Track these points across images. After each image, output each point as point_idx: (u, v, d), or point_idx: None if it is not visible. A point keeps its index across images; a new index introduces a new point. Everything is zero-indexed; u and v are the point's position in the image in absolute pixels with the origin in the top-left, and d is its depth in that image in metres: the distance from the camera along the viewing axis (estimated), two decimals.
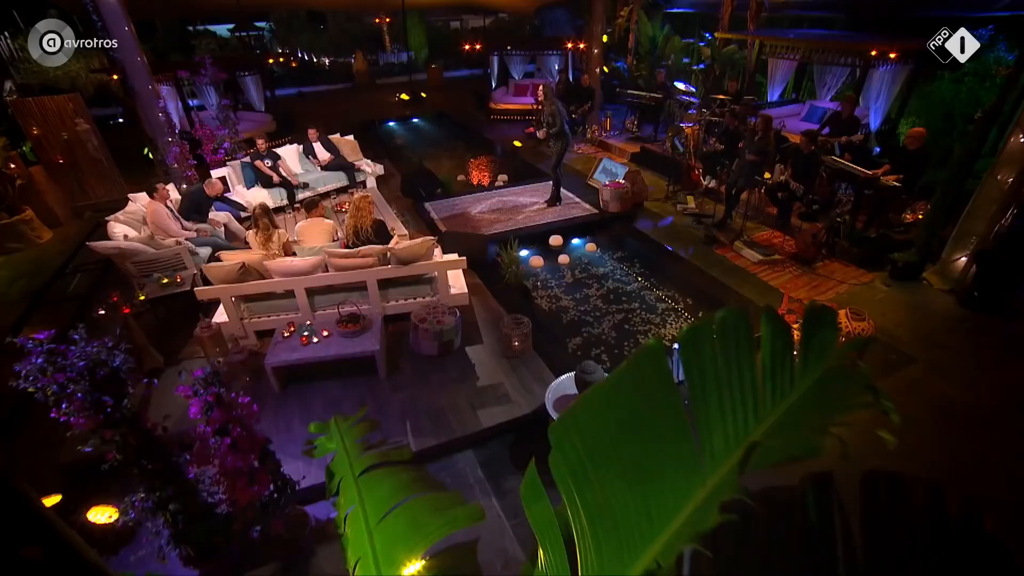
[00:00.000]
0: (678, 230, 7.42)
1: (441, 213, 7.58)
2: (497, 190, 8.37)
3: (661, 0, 15.04)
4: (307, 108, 16.97)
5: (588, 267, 6.62)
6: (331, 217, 6.66)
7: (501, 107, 14.02)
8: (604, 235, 7.36)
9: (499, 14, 27.33)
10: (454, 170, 9.41)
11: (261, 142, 7.65)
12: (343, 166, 8.28)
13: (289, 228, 6.45)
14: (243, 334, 4.89)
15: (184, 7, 17.17)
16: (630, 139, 11.27)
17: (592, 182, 8.63)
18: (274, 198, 7.66)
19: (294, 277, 4.66)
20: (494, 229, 6.98)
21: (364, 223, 4.97)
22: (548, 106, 6.93)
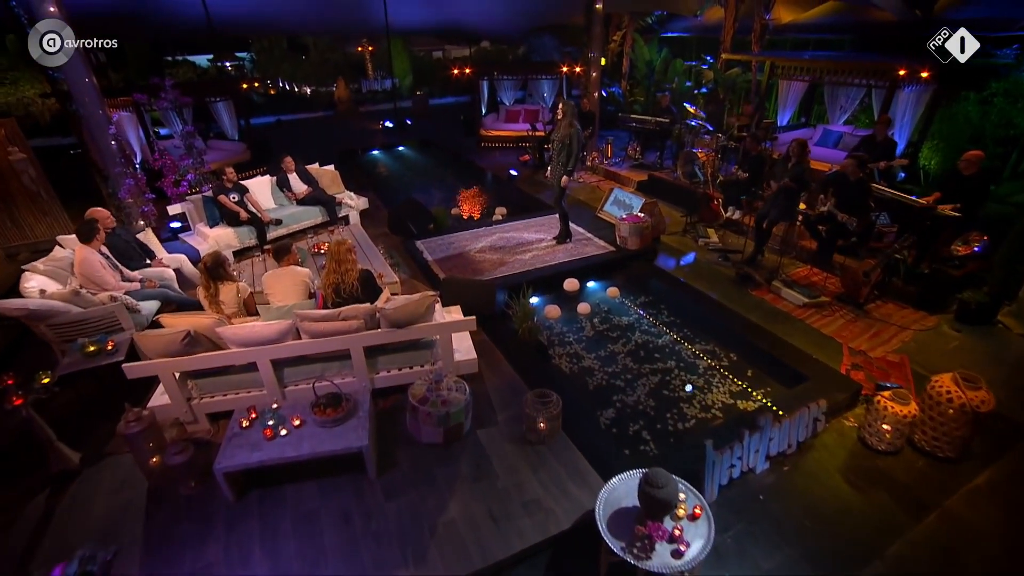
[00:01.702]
0: (704, 268, 6.57)
1: (435, 253, 6.62)
2: (497, 225, 7.46)
3: (655, 25, 14.61)
4: (285, 137, 16.07)
5: (610, 316, 5.69)
6: (307, 263, 5.65)
7: (492, 134, 13.29)
8: (624, 276, 6.46)
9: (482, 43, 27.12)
10: (446, 203, 8.50)
11: (230, 172, 6.65)
12: (322, 200, 7.31)
13: (259, 273, 5.44)
14: (190, 418, 3.82)
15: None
16: (634, 166, 10.54)
17: (603, 215, 7.78)
18: (241, 238, 6.63)
19: (256, 347, 3.63)
20: (499, 272, 6.03)
21: (348, 278, 3.98)
22: (565, 127, 6.06)
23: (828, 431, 4.02)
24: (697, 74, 11.99)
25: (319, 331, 3.66)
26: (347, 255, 4.00)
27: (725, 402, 4.51)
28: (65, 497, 3.30)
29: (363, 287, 4.04)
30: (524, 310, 4.91)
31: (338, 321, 3.68)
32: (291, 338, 3.72)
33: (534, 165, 11.30)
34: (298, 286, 4.17)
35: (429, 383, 3.75)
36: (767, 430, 3.63)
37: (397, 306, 3.71)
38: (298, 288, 4.17)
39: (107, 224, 5.29)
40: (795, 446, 3.84)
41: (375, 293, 4.15)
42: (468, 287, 5.05)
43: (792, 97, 9.93)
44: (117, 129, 10.29)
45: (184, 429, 3.87)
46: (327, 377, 3.95)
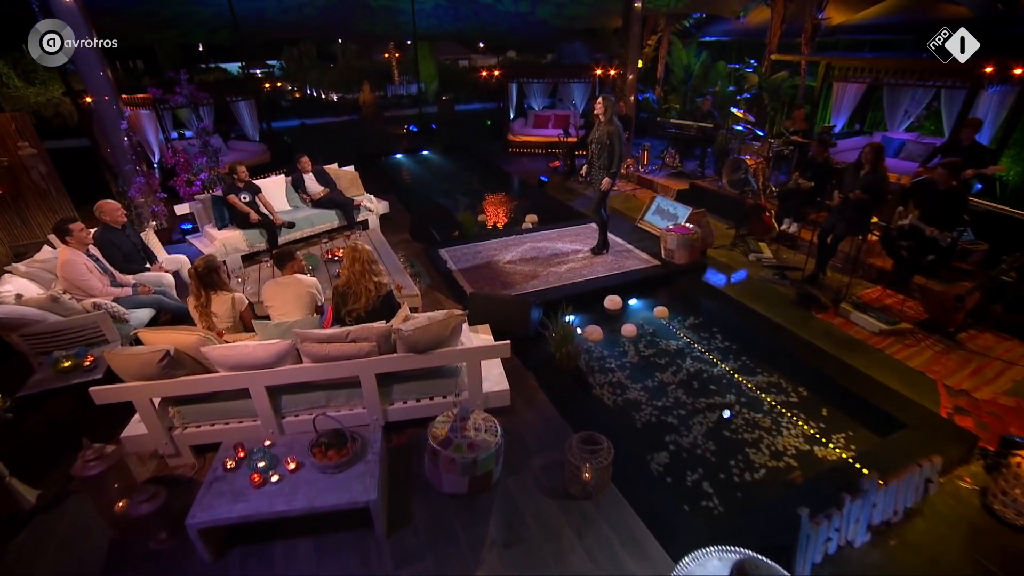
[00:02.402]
0: (758, 287, 5.83)
1: (460, 262, 6.01)
2: (528, 234, 6.83)
3: (693, 28, 13.94)
4: (308, 139, 15.76)
5: (656, 339, 4.99)
6: (318, 271, 5.09)
7: (521, 139, 12.74)
8: (670, 294, 5.76)
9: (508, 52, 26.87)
10: (472, 209, 7.92)
11: (242, 170, 6.16)
12: (339, 202, 6.78)
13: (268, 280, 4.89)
14: (172, 450, 3.24)
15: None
16: (672, 174, 9.84)
17: (644, 225, 7.09)
18: (251, 241, 6.13)
19: (248, 371, 3.04)
20: (531, 285, 5.39)
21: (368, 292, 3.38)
22: (605, 125, 5.41)
23: (939, 493, 3.26)
24: (740, 78, 11.25)
25: (323, 354, 3.06)
26: (366, 261, 3.40)
27: (799, 448, 3.78)
28: (8, 550, 2.73)
29: (384, 304, 3.44)
30: (563, 332, 4.25)
31: (346, 343, 3.08)
32: (290, 361, 3.13)
33: (565, 171, 10.69)
34: (302, 298, 3.59)
35: (453, 420, 3.11)
36: (871, 495, 2.90)
37: (418, 327, 3.09)
38: (302, 301, 3.59)
39: (117, 219, 4.83)
40: (901, 513, 3.09)
41: (392, 310, 3.55)
42: (499, 304, 4.41)
43: (847, 102, 9.14)
44: (132, 125, 10.05)
45: (164, 463, 3.29)
46: (332, 407, 3.35)
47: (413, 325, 3.10)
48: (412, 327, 3.09)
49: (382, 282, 3.47)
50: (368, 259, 3.39)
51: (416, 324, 3.11)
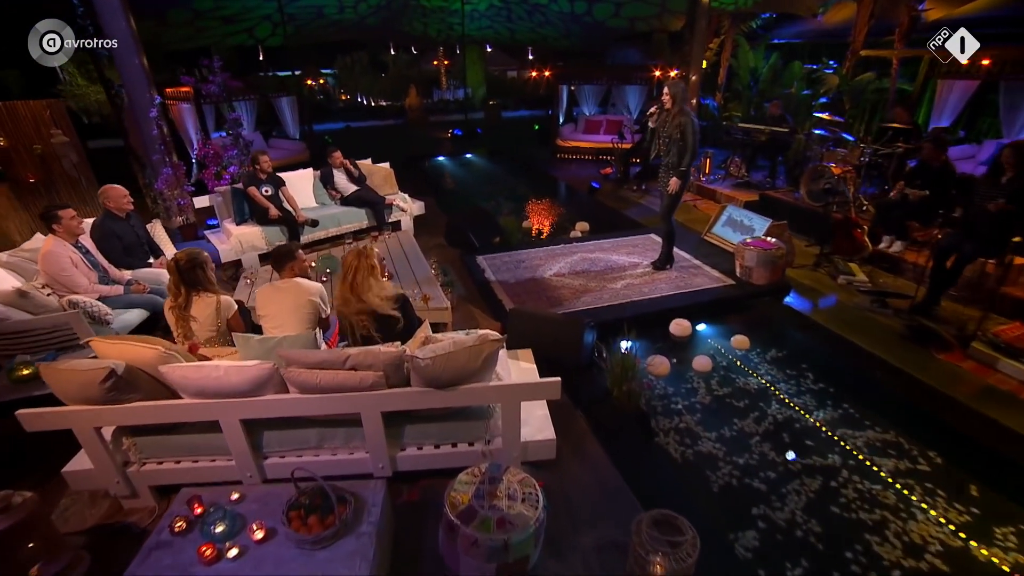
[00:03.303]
0: (854, 316, 4.81)
1: (500, 272, 5.24)
2: (578, 243, 5.99)
3: (761, 30, 12.88)
4: (352, 140, 15.48)
5: (733, 375, 4.06)
6: (336, 274, 4.42)
7: (570, 144, 11.96)
8: (747, 319, 4.82)
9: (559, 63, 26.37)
10: (516, 214, 7.17)
11: (264, 160, 5.61)
12: (370, 201, 6.15)
13: None
14: (126, 491, 2.57)
15: None
16: (737, 185, 8.83)
17: (712, 238, 6.15)
18: (270, 238, 5.55)
19: (217, 400, 2.34)
20: (582, 303, 4.55)
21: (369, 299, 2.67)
22: (676, 115, 4.56)
23: None
24: (816, 80, 10.14)
25: (314, 384, 2.33)
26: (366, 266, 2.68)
27: (946, 543, 2.78)
28: None
29: (387, 322, 2.70)
30: (623, 362, 3.39)
31: (343, 371, 2.33)
32: (272, 389, 2.41)
33: (617, 178, 9.84)
34: (301, 309, 2.88)
35: (479, 481, 2.31)
36: None
37: (439, 354, 2.32)
38: (301, 312, 2.88)
39: (122, 206, 4.33)
40: None
41: (409, 326, 2.79)
42: (545, 324, 3.59)
43: (951, 104, 7.91)
44: (175, 120, 9.83)
45: (118, 505, 2.63)
46: (327, 449, 2.61)
47: (433, 351, 2.33)
48: (431, 354, 2.32)
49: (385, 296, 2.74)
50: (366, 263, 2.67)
51: (437, 350, 2.34)
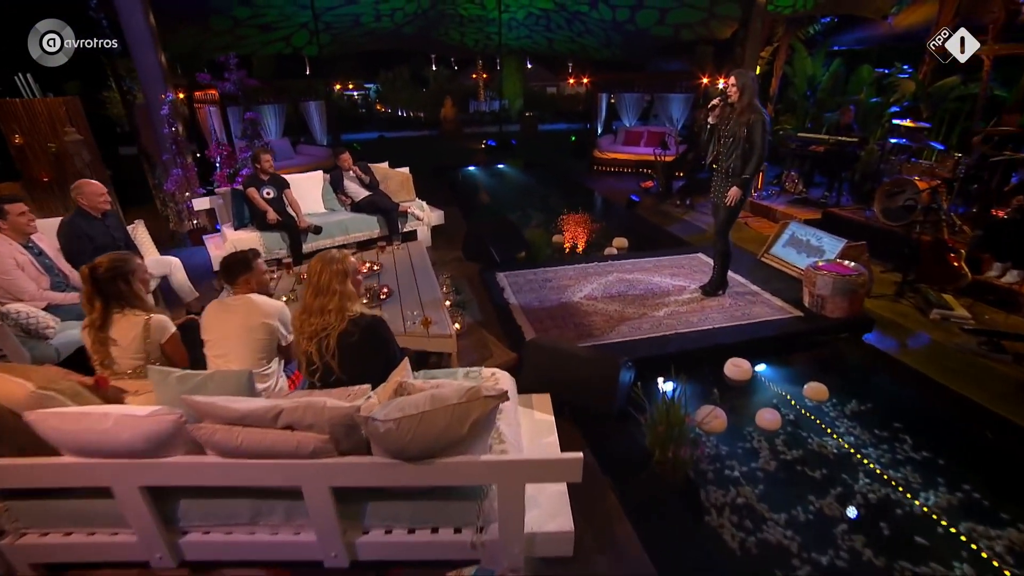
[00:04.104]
0: (958, 360, 3.88)
1: (523, 293, 4.52)
2: (615, 261, 5.22)
3: (820, 36, 11.89)
4: (384, 150, 15.18)
5: (805, 432, 3.19)
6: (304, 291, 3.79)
7: (608, 156, 11.25)
8: (819, 360, 3.95)
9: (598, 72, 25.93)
10: (546, 227, 6.46)
11: (266, 159, 5.10)
12: (382, 207, 5.56)
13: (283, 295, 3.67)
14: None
15: None
16: (794, 201, 7.92)
17: (771, 260, 5.28)
18: (269, 245, 5.01)
19: (106, 460, 1.70)
20: (617, 333, 3.77)
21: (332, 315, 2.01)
22: (744, 111, 3.77)
23: None
24: (887, 87, 9.13)
25: (233, 446, 1.66)
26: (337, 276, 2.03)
27: None
28: None
29: (365, 348, 2.03)
30: (669, 416, 2.62)
31: (275, 430, 1.66)
32: (184, 448, 1.76)
33: (658, 192, 9.06)
34: (251, 333, 2.23)
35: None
36: None
37: (407, 414, 1.61)
38: (251, 337, 2.22)
39: (96, 204, 3.86)
40: None
41: (384, 361, 2.11)
42: (569, 361, 2.84)
43: None
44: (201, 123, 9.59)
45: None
46: (264, 527, 1.93)
47: (401, 409, 1.63)
48: (397, 413, 1.61)
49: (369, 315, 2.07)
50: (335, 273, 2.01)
51: (406, 408, 1.64)
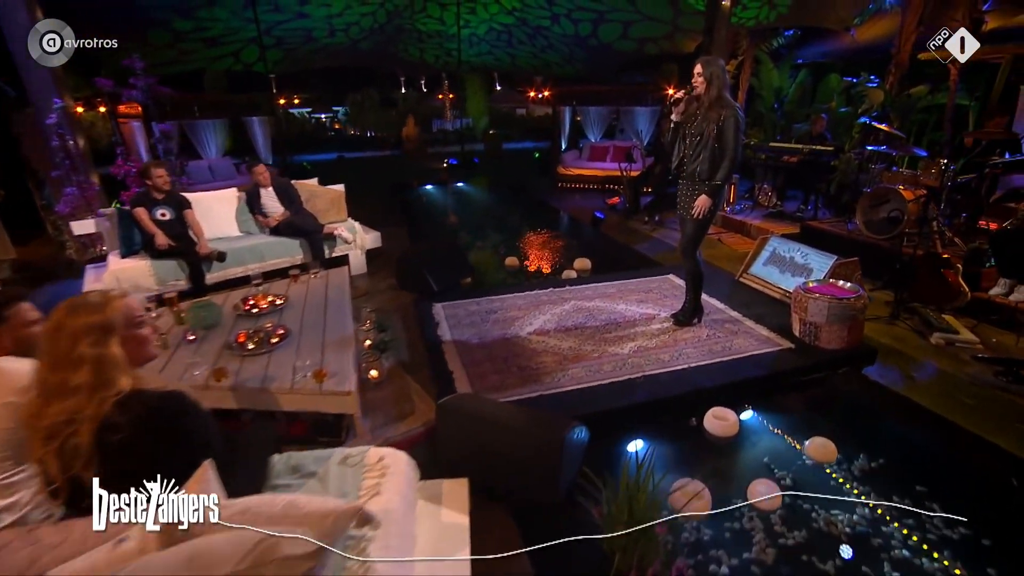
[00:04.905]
0: (971, 394, 3.29)
1: (460, 328, 3.77)
2: (572, 287, 4.52)
3: (784, 49, 11.69)
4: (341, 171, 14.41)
5: (807, 506, 2.47)
6: (207, 340, 2.99)
7: (572, 172, 10.74)
8: (812, 400, 3.29)
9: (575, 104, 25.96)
10: (500, 249, 5.77)
11: (159, 175, 4.27)
12: (303, 229, 4.78)
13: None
14: None
15: None
16: (769, 215, 7.45)
17: (751, 280, 4.66)
18: (162, 276, 4.17)
19: None
20: (569, 379, 3.05)
21: (77, 414, 1.23)
22: (712, 106, 3.16)
23: None
24: (858, 96, 8.84)
25: None
26: (81, 343, 1.27)
27: None
28: None
29: (123, 461, 1.25)
30: (632, 500, 1.88)
31: None
32: None
33: (625, 208, 8.50)
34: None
35: None
36: None
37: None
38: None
39: None
40: None
41: (177, 480, 1.33)
42: (498, 430, 2.09)
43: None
44: (125, 142, 8.68)
45: None
46: None
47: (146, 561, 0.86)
48: None
49: (113, 396, 1.31)
50: (85, 330, 1.26)
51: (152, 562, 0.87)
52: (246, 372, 2.69)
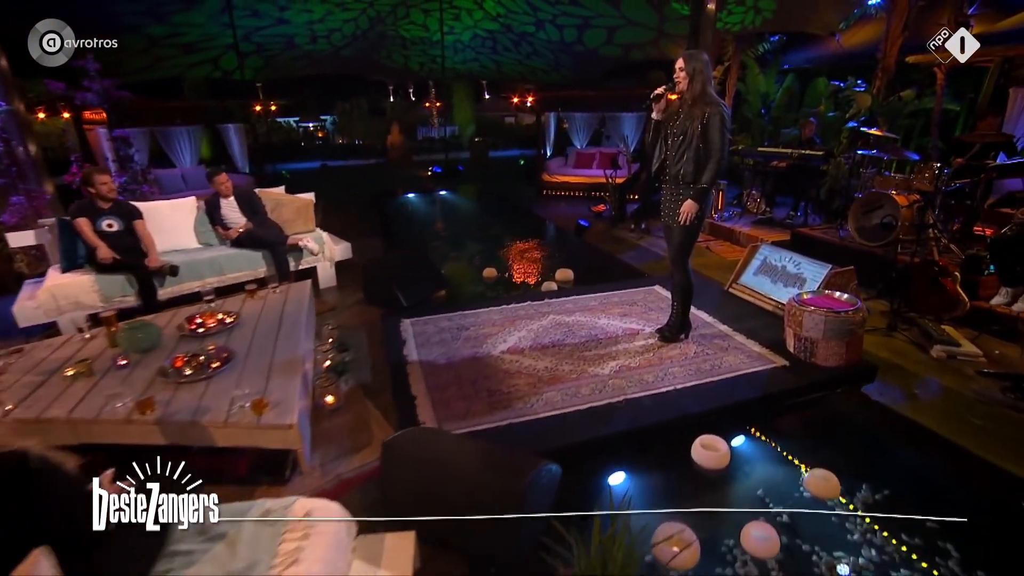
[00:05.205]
0: (979, 414, 3.06)
1: (428, 347, 3.48)
2: (552, 300, 4.25)
3: (770, 56, 11.59)
4: (320, 179, 14.12)
5: (806, 548, 2.21)
6: (140, 365, 2.68)
7: (558, 180, 10.50)
8: (808, 422, 3.04)
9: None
10: (478, 260, 5.50)
11: (102, 181, 3.95)
12: (266, 241, 4.48)
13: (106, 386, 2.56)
14: None
15: None
16: (758, 222, 7.25)
17: (741, 290, 4.41)
18: (107, 293, 3.85)
19: None
20: (542, 404, 2.77)
21: None
22: (696, 103, 2.93)
23: None
24: (845, 100, 8.70)
25: None
26: None
27: None
28: None
29: None
30: (612, 550, 1.60)
31: None
32: None
33: (611, 216, 8.29)
34: None
35: None
36: None
37: None
38: None
39: None
40: None
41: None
42: (449, 475, 1.81)
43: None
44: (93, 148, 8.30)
45: None
46: None
47: None
48: None
49: None
50: None
51: None
52: (178, 403, 2.39)
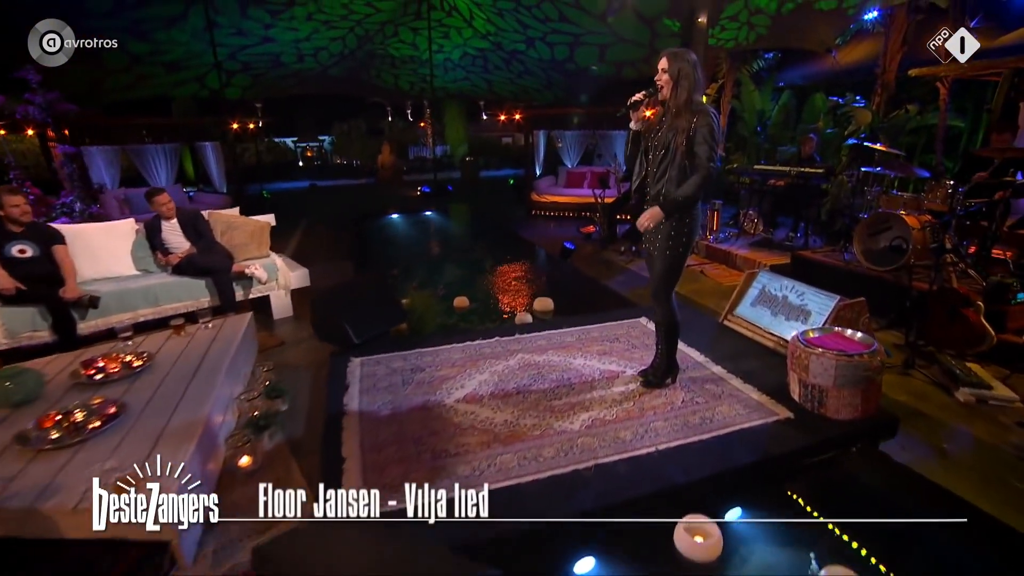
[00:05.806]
0: (1018, 477, 2.56)
1: (373, 395, 2.97)
2: (524, 334, 3.77)
3: (764, 72, 11.31)
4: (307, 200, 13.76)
5: None
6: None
7: (547, 200, 10.13)
8: (821, 484, 2.53)
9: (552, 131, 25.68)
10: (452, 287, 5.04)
11: (13, 203, 3.51)
12: (209, 267, 4.02)
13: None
14: None
15: None
16: (756, 244, 6.84)
17: (738, 323, 3.93)
18: (13, 328, 3.38)
19: None
20: (496, 472, 2.28)
21: None
22: (680, 113, 2.47)
23: None
24: (843, 117, 8.36)
25: None
26: None
27: None
28: None
29: None
30: None
31: None
32: None
33: (600, 238, 7.88)
34: None
35: None
36: None
37: None
38: None
39: None
40: None
41: None
42: None
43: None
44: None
45: None
46: None
47: None
48: None
49: None
50: None
51: None
52: (25, 480, 1.90)
